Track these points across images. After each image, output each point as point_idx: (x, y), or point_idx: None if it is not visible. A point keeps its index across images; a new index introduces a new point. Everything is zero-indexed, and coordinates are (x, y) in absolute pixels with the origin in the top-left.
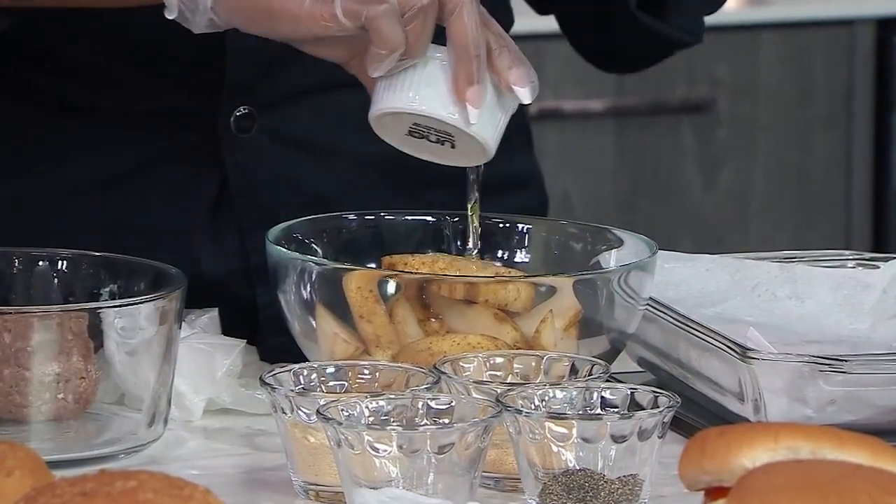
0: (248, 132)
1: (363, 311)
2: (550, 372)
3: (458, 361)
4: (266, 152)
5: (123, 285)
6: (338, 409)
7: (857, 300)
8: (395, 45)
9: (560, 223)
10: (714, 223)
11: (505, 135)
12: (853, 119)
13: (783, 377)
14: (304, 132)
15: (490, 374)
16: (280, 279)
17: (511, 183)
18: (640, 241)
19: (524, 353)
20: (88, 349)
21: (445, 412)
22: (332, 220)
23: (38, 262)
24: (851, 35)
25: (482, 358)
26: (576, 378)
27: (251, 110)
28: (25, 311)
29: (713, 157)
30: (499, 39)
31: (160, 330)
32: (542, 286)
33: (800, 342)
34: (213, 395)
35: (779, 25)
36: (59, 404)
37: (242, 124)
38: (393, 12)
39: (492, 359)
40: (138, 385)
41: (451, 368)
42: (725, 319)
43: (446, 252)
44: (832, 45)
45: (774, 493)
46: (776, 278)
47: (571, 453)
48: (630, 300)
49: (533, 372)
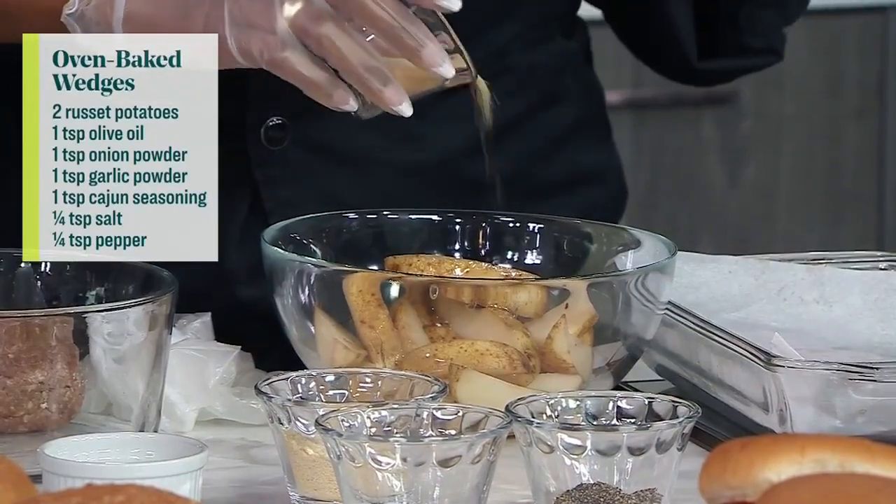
0: (280, 144)
1: (365, 315)
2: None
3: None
4: (300, 165)
5: (111, 288)
6: (338, 420)
7: (889, 304)
8: (313, 83)
9: (574, 222)
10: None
11: (575, 126)
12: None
13: (810, 386)
14: (339, 142)
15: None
16: (277, 282)
17: (584, 178)
18: (659, 241)
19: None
20: (73, 356)
21: (452, 423)
22: (331, 220)
23: (19, 263)
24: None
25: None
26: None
27: (283, 121)
28: (6, 316)
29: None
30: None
31: (150, 336)
32: (554, 289)
33: (828, 349)
34: (205, 405)
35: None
36: (42, 414)
37: (274, 135)
38: (292, 50)
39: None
40: (126, 394)
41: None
42: (749, 325)
43: (453, 253)
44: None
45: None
46: (803, 281)
47: (585, 466)
48: (648, 304)
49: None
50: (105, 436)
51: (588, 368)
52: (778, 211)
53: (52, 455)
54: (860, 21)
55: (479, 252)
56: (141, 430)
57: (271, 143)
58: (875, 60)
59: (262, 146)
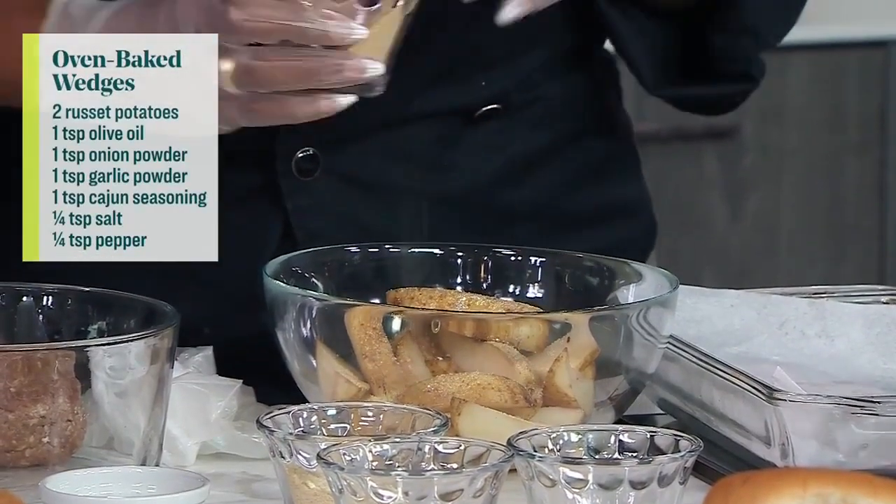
0: (311, 175)
1: (367, 349)
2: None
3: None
4: (331, 196)
5: (113, 322)
6: (339, 454)
7: (891, 338)
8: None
9: (575, 256)
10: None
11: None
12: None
13: (812, 420)
14: (370, 173)
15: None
16: (278, 316)
17: (614, 211)
18: (661, 275)
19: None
20: (75, 390)
21: (454, 456)
22: (333, 253)
23: (21, 297)
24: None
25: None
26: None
27: (314, 151)
28: (8, 350)
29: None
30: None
31: (151, 370)
32: (556, 323)
33: (830, 383)
34: (207, 439)
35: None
36: (44, 448)
37: (304, 166)
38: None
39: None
40: (128, 428)
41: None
42: (751, 359)
43: (454, 287)
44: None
45: None
46: (805, 315)
47: (587, 500)
48: (649, 338)
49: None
50: (107, 470)
51: (590, 402)
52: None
53: (54, 489)
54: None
55: (481, 285)
56: (142, 465)
57: (302, 174)
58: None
59: (292, 177)
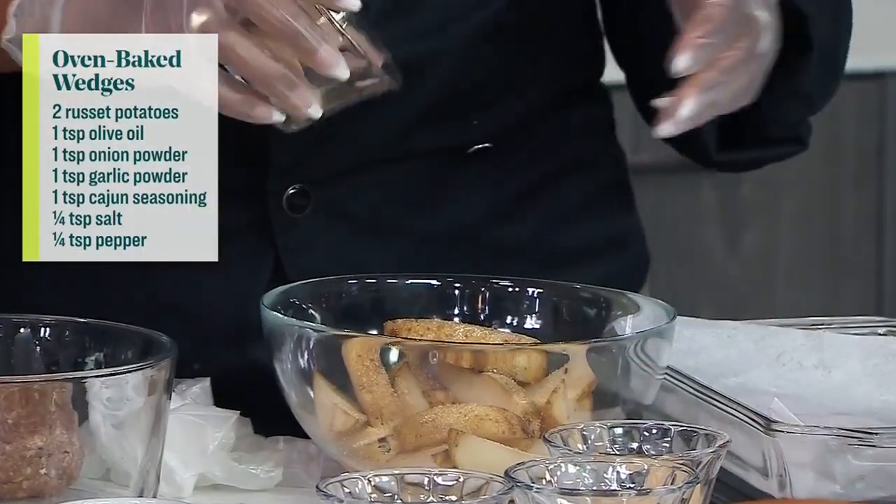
0: (303, 211)
1: (364, 380)
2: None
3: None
4: (322, 233)
5: (110, 354)
6: (338, 486)
7: (889, 369)
8: (227, 100)
9: (573, 287)
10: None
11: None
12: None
13: (810, 451)
14: (361, 209)
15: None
16: (276, 347)
17: (606, 245)
18: (658, 306)
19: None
20: (73, 421)
21: (453, 489)
22: (331, 284)
23: (19, 329)
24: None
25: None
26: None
27: (304, 188)
28: (5, 381)
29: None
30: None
31: (149, 401)
32: (553, 354)
33: (827, 414)
34: (204, 471)
35: None
36: (41, 480)
37: (296, 203)
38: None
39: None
40: (125, 459)
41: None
42: (748, 390)
43: (452, 318)
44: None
45: None
46: (802, 346)
47: None
48: (647, 369)
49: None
50: (104, 502)
51: None
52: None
53: None
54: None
55: (479, 316)
56: (140, 496)
57: (293, 210)
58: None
59: (283, 213)
